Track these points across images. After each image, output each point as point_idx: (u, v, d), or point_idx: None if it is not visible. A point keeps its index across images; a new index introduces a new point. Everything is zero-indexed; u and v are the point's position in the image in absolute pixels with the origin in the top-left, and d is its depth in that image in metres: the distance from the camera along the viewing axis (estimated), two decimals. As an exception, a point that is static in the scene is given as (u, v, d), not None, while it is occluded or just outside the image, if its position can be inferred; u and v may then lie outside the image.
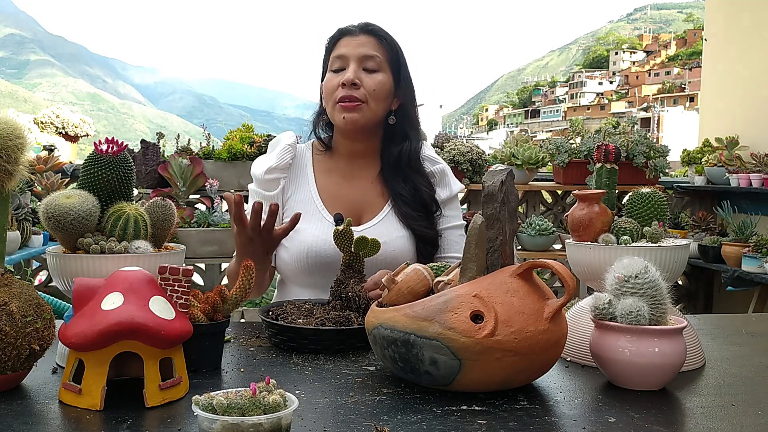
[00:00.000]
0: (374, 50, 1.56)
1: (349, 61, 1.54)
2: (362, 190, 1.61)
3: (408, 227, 1.56)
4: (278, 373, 1.06)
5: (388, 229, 1.55)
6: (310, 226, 1.54)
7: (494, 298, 0.93)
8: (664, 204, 1.23)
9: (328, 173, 1.64)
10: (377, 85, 1.54)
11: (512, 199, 1.03)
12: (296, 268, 1.55)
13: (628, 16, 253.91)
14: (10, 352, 0.91)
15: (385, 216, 1.58)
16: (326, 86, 1.57)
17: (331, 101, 1.55)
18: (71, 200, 1.06)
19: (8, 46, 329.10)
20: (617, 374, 1.00)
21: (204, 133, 3.81)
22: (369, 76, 1.54)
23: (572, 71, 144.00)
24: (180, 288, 0.98)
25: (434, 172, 1.65)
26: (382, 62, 1.56)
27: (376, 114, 1.56)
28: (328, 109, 1.57)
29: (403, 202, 1.58)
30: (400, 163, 1.60)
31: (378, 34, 1.58)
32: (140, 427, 0.83)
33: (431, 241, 1.59)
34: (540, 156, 3.83)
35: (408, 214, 1.57)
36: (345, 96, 1.52)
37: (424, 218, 1.58)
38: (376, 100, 1.54)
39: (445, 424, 0.85)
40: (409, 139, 1.61)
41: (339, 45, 1.58)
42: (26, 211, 3.06)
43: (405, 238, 1.55)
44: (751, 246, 3.80)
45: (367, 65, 1.55)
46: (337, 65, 1.56)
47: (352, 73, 1.52)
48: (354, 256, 1.29)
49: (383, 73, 1.56)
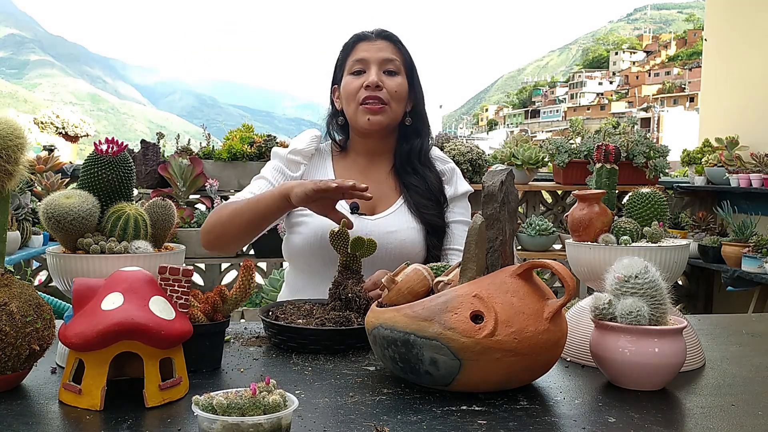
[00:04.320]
0: (393, 54, 1.63)
1: (370, 64, 1.60)
2: (377, 183, 1.65)
3: (419, 218, 1.62)
4: (278, 373, 1.06)
5: (400, 220, 1.61)
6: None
7: (494, 298, 0.93)
8: (664, 204, 1.23)
9: (346, 169, 1.70)
10: (398, 87, 1.61)
11: (512, 199, 1.03)
12: (308, 251, 1.58)
13: (628, 16, 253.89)
14: (10, 352, 0.91)
15: (399, 208, 1.64)
16: (347, 88, 1.61)
17: (354, 103, 1.60)
18: (71, 200, 1.06)
19: (8, 46, 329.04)
20: (617, 374, 1.00)
21: (204, 133, 3.81)
22: (390, 79, 1.61)
23: (572, 71, 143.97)
24: (180, 288, 0.98)
25: (444, 170, 1.72)
26: (400, 66, 1.63)
27: (397, 115, 1.63)
28: (350, 111, 1.62)
29: (415, 192, 1.64)
30: (411, 158, 1.67)
31: (394, 39, 1.65)
32: (140, 427, 0.83)
33: (440, 231, 1.64)
34: (540, 156, 3.83)
35: (419, 203, 1.63)
36: (369, 97, 1.58)
37: (434, 208, 1.65)
38: (398, 101, 1.61)
39: (445, 424, 0.85)
40: (421, 136, 1.69)
41: (357, 49, 1.63)
42: (26, 211, 3.06)
43: (416, 230, 1.61)
44: (751, 246, 3.80)
45: (388, 68, 1.61)
46: (357, 68, 1.61)
47: (375, 75, 1.59)
48: (351, 257, 1.29)
49: (401, 76, 1.63)
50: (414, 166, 1.67)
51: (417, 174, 1.67)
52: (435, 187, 1.67)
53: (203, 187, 3.50)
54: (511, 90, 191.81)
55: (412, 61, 1.68)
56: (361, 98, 1.59)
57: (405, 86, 1.63)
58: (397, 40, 1.66)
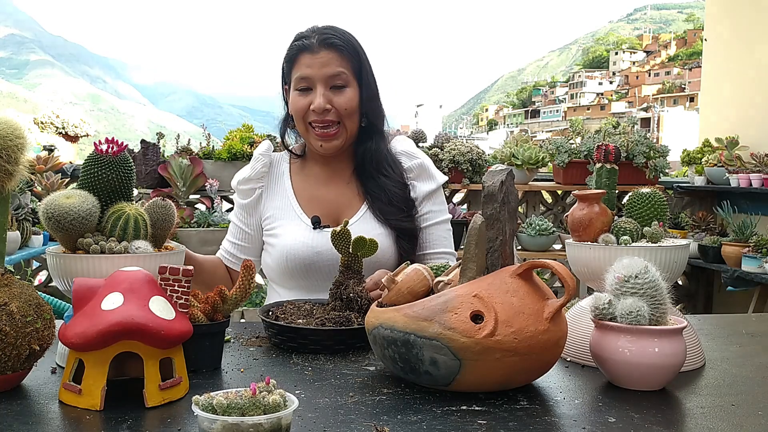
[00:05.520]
0: (339, 66, 1.51)
1: (315, 83, 1.51)
2: (339, 191, 1.61)
3: (386, 224, 1.55)
4: (278, 373, 1.06)
5: (365, 227, 1.53)
6: (289, 230, 1.56)
7: (494, 298, 0.93)
8: (664, 204, 1.23)
9: (304, 178, 1.65)
10: (348, 103, 1.52)
11: (512, 199, 1.03)
12: (278, 270, 1.58)
13: (628, 16, 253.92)
14: (10, 352, 0.91)
15: (363, 215, 1.57)
16: (295, 106, 1.54)
17: (303, 124, 1.55)
18: (71, 200, 1.06)
19: (8, 46, 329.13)
20: (617, 374, 1.00)
21: (204, 133, 3.81)
22: (338, 95, 1.51)
23: (572, 71, 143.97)
24: (180, 288, 0.98)
25: (412, 167, 1.62)
26: (348, 77, 1.52)
27: (353, 130, 1.56)
28: (301, 129, 1.57)
29: (377, 199, 1.57)
30: (370, 159, 1.58)
31: (338, 45, 1.52)
32: (140, 427, 0.84)
33: (410, 235, 1.57)
34: (540, 156, 3.83)
35: (383, 209, 1.56)
36: (317, 121, 1.51)
37: (399, 212, 1.56)
38: (350, 117, 1.53)
39: (445, 424, 0.85)
40: (375, 135, 1.59)
41: (300, 64, 1.52)
42: (26, 211, 3.06)
43: (384, 235, 1.53)
44: (751, 246, 3.80)
45: (335, 83, 1.51)
46: (302, 85, 1.52)
47: (321, 98, 1.49)
48: (352, 257, 1.29)
49: (351, 88, 1.53)
50: (374, 167, 1.58)
51: (377, 180, 1.57)
52: (397, 194, 1.57)
53: (203, 187, 3.50)
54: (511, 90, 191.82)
55: (361, 60, 1.55)
56: (310, 120, 1.52)
57: (356, 99, 1.53)
58: (341, 44, 1.52)
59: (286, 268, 1.55)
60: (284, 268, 1.55)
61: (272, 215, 1.62)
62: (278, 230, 1.59)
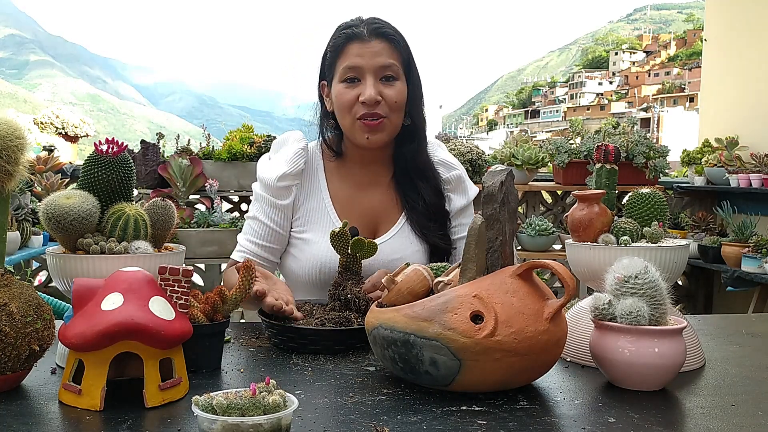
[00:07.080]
0: (390, 58, 1.45)
1: (365, 72, 1.43)
2: (377, 198, 1.54)
3: (424, 239, 1.50)
4: (278, 373, 1.06)
5: (403, 243, 1.49)
6: (324, 238, 1.43)
7: (494, 298, 0.93)
8: (663, 204, 1.23)
9: (340, 180, 1.55)
10: (398, 96, 1.45)
11: (512, 200, 1.03)
12: (306, 281, 1.49)
13: (628, 16, 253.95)
14: (10, 353, 0.91)
15: (401, 228, 1.52)
16: (340, 99, 1.45)
17: (350, 117, 1.45)
18: (71, 200, 1.06)
19: (8, 47, 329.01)
20: (617, 374, 1.00)
21: (204, 133, 3.81)
22: (388, 88, 1.44)
23: (572, 71, 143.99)
24: (180, 288, 0.98)
25: (450, 179, 1.57)
26: (398, 69, 1.46)
27: (398, 126, 1.49)
28: (345, 123, 1.47)
29: (416, 211, 1.51)
30: (411, 165, 1.53)
31: (390, 37, 1.46)
32: (140, 427, 0.83)
33: (443, 252, 1.52)
34: (540, 156, 3.83)
35: (422, 223, 1.50)
36: (367, 114, 1.43)
37: (436, 228, 1.52)
38: (398, 111, 1.46)
39: (445, 424, 0.85)
40: (418, 137, 1.53)
41: (349, 53, 1.44)
42: (26, 211, 3.06)
43: (420, 252, 1.49)
44: (751, 246, 3.80)
45: (386, 74, 1.44)
46: (350, 75, 1.44)
47: (372, 89, 1.41)
48: (351, 258, 1.28)
49: (401, 81, 1.46)
50: (413, 174, 1.53)
51: (416, 188, 1.52)
52: (434, 204, 1.52)
53: (203, 187, 3.50)
54: (510, 90, 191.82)
55: (410, 55, 1.49)
56: (359, 114, 1.43)
57: (405, 92, 1.46)
58: (393, 36, 1.46)
59: (318, 280, 1.47)
60: (315, 280, 1.47)
61: (304, 217, 1.52)
62: (309, 235, 1.50)
